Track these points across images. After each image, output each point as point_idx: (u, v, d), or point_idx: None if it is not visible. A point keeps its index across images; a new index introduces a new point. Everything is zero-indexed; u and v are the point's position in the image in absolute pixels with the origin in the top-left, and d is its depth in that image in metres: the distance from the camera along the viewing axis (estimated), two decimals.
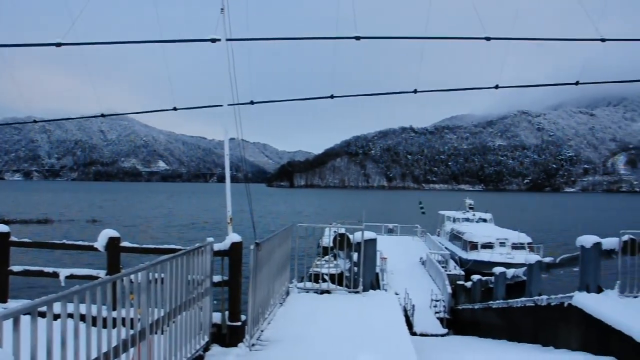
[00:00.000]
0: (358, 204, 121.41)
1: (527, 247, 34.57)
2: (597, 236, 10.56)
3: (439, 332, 20.38)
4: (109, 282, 3.75)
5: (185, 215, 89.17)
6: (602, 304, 9.42)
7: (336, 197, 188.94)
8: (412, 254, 34.96)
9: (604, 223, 76.31)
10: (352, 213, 66.16)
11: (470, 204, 48.36)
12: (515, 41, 22.95)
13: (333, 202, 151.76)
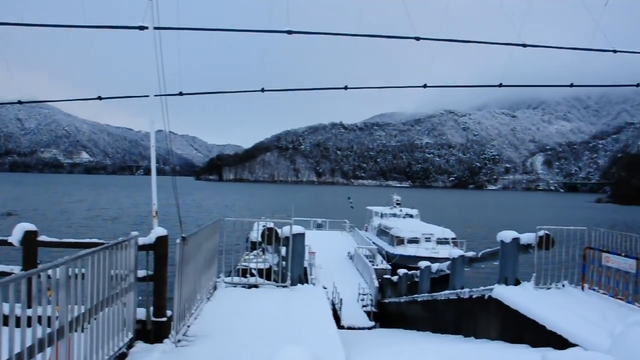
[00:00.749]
0: (287, 198, 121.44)
1: (451, 242, 35.67)
2: (516, 232, 11.05)
3: (366, 325, 20.71)
4: (23, 278, 3.54)
5: (110, 209, 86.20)
6: (518, 295, 9.87)
7: (266, 192, 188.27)
8: (340, 249, 35.31)
9: (522, 219, 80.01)
10: (281, 207, 66.10)
11: (397, 199, 49.40)
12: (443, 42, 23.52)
13: (263, 196, 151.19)
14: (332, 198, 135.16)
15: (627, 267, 9.46)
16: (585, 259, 10.64)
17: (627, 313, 8.37)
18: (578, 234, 10.85)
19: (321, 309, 8.47)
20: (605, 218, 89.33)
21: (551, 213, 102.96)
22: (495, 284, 10.90)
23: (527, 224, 11.27)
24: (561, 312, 8.83)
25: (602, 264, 10.14)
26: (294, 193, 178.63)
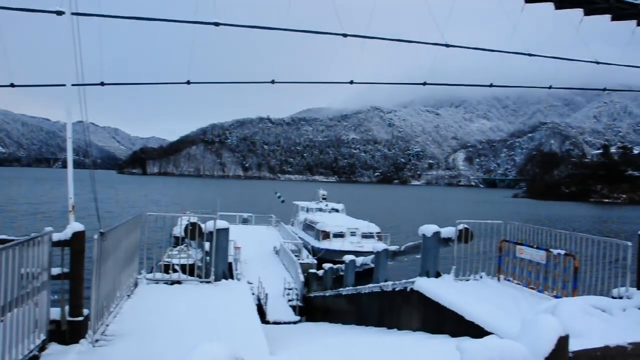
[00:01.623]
0: (213, 193, 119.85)
1: (375, 236, 36.34)
2: (437, 226, 11.40)
3: (292, 319, 20.76)
4: None
5: (24, 203, 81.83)
6: (439, 287, 10.18)
7: (191, 186, 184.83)
8: (266, 244, 35.21)
9: (444, 214, 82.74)
10: (207, 202, 65.10)
11: (323, 194, 49.81)
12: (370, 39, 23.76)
13: (188, 190, 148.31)
14: (258, 193, 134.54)
15: (539, 258, 9.97)
16: (501, 251, 11.12)
17: (538, 301, 8.82)
18: (495, 227, 11.33)
19: (245, 305, 8.42)
20: (521, 212, 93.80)
21: (472, 207, 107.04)
22: (417, 276, 11.21)
23: (449, 218, 11.66)
24: (479, 302, 9.17)
25: (516, 255, 10.63)
26: (220, 187, 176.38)
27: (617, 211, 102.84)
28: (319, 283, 23.21)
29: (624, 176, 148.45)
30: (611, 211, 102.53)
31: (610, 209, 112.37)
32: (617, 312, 8.14)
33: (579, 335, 6.03)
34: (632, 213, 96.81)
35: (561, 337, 2.77)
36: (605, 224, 73.70)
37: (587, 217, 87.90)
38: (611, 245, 9.28)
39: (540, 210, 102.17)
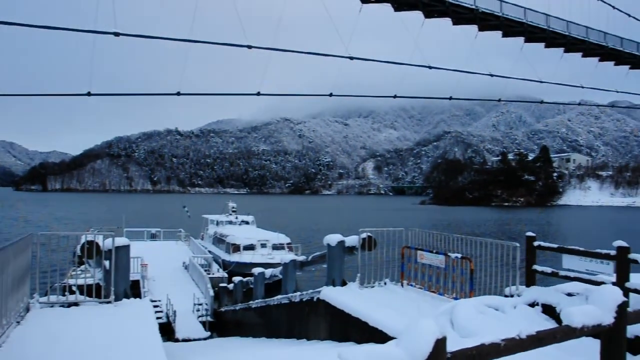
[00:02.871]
0: (120, 208, 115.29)
1: (286, 247, 36.33)
2: (341, 235, 11.58)
3: (202, 335, 20.30)
4: None
5: None
6: (344, 296, 10.33)
7: (97, 202, 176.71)
8: (175, 259, 34.32)
9: (355, 222, 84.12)
10: (113, 218, 62.51)
11: (233, 207, 49.26)
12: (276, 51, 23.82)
13: (93, 206, 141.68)
14: (167, 207, 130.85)
15: (438, 262, 10.38)
16: (403, 257, 11.47)
17: (439, 304, 9.15)
18: (397, 234, 11.66)
19: (146, 324, 8.13)
20: (429, 218, 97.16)
21: (382, 215, 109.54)
22: (324, 286, 11.31)
23: (360, 226, 11.86)
24: (382, 308, 9.39)
25: (418, 261, 11.01)
26: (128, 203, 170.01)
27: (515, 214, 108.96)
28: (230, 297, 22.87)
29: (520, 181, 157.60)
30: (510, 214, 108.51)
31: (509, 212, 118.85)
32: (509, 309, 8.61)
33: (474, 334, 6.32)
34: (528, 215, 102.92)
35: (438, 339, 2.88)
36: (507, 226, 77.87)
37: (490, 220, 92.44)
38: (502, 246, 9.82)
39: (446, 215, 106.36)
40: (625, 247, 7.84)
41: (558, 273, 8.96)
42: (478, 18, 35.35)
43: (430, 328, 2.91)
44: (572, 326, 3.76)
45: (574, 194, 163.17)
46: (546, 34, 38.87)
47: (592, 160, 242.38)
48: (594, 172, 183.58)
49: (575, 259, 8.72)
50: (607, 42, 42.97)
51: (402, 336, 2.95)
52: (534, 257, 9.44)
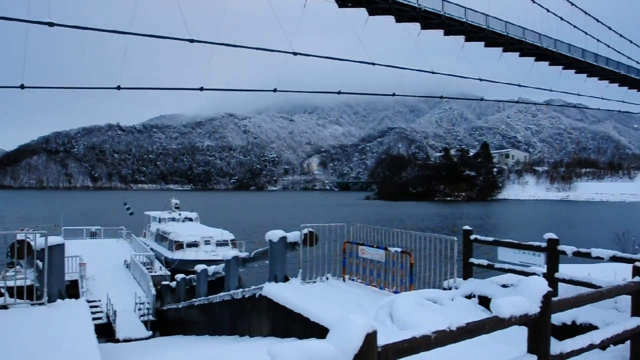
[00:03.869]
0: (58, 206, 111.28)
1: (230, 243, 35.99)
2: (283, 231, 11.55)
3: (144, 335, 19.87)
4: None
5: None
6: (286, 291, 10.32)
7: (34, 200, 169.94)
8: (116, 257, 33.46)
9: (300, 218, 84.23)
10: (51, 216, 60.33)
11: (176, 203, 48.44)
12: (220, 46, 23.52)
13: (30, 204, 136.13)
14: (109, 204, 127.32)
15: (378, 257, 10.51)
16: (345, 252, 11.55)
17: (380, 298, 9.26)
18: (338, 229, 11.74)
19: (81, 325, 7.88)
20: (374, 213, 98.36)
21: (327, 211, 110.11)
22: (266, 282, 11.27)
23: (305, 221, 11.86)
24: (324, 303, 9.43)
25: (359, 255, 11.12)
26: (67, 200, 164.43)
27: (457, 208, 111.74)
28: (173, 295, 22.50)
29: (462, 176, 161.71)
30: (452, 208, 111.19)
31: (452, 206, 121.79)
32: (447, 301, 8.81)
33: (413, 327, 6.42)
34: (469, 209, 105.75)
35: (369, 333, 2.90)
36: (450, 220, 79.69)
37: (433, 214, 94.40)
38: (440, 240, 10.04)
39: (390, 210, 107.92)
40: (554, 239, 8.15)
41: (493, 265, 9.24)
42: (421, 16, 35.98)
43: (361, 322, 2.93)
44: (500, 317, 3.87)
45: (512, 189, 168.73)
46: (486, 34, 39.98)
47: (530, 156, 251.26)
48: (531, 168, 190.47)
49: (510, 252, 9.01)
50: (542, 43, 44.62)
51: (332, 331, 2.97)
52: (471, 250, 9.69)
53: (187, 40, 21.06)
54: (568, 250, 8.04)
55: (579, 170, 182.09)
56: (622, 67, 55.12)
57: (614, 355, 5.82)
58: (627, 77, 56.28)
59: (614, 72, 54.11)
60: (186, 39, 20.89)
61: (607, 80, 55.69)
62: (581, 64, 50.39)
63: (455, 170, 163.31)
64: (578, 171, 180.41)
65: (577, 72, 52.24)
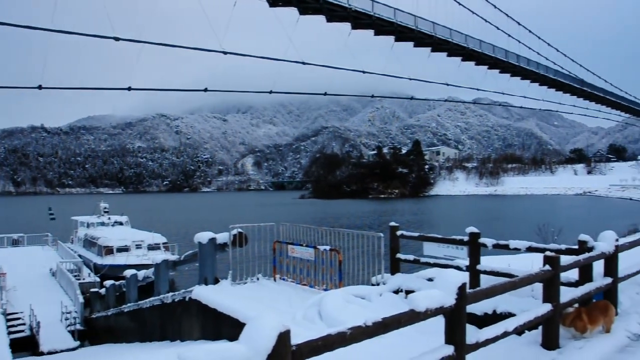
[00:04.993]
0: None
1: (162, 247, 35.19)
2: (212, 232, 11.41)
3: (71, 345, 19.13)
4: None
5: None
6: (216, 294, 10.21)
7: None
8: (41, 266, 32.03)
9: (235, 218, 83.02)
10: None
11: (105, 207, 46.89)
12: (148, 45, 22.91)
13: None
14: (33, 210, 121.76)
15: (308, 255, 10.56)
16: (275, 251, 11.54)
17: (309, 296, 9.31)
18: (268, 229, 11.72)
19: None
20: (308, 211, 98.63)
21: (262, 211, 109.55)
22: (196, 284, 11.11)
23: (240, 222, 11.75)
24: (254, 304, 9.40)
25: (289, 255, 11.13)
26: None
27: (390, 205, 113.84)
28: (102, 302, 21.76)
29: (395, 173, 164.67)
30: (385, 205, 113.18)
31: (385, 203, 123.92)
32: (375, 297, 8.96)
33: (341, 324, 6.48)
34: (402, 206, 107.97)
35: (282, 332, 2.90)
36: (384, 217, 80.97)
37: (368, 212, 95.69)
38: (368, 237, 10.20)
39: (324, 209, 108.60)
40: (475, 232, 8.44)
41: (419, 260, 9.47)
42: (351, 16, 36.44)
43: (273, 322, 2.93)
44: (416, 310, 3.97)
45: (444, 185, 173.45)
46: (415, 34, 40.95)
47: (459, 153, 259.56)
48: (461, 164, 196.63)
49: (434, 246, 9.27)
50: (468, 44, 46.18)
51: (244, 332, 2.95)
52: (398, 245, 9.89)
53: (111, 38, 20.45)
54: (488, 243, 8.35)
55: (505, 165, 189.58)
56: (542, 68, 57.89)
57: (528, 341, 6.09)
58: (546, 77, 59.13)
59: (534, 72, 56.76)
60: (111, 37, 20.28)
61: (528, 80, 58.33)
62: (504, 64, 52.56)
63: (389, 168, 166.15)
64: (504, 167, 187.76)
65: (501, 72, 54.45)
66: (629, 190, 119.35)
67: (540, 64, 57.44)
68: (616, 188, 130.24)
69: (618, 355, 5.76)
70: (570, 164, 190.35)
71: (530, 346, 5.93)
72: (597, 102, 75.78)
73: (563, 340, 6.02)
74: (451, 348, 4.36)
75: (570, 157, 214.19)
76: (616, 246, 7.21)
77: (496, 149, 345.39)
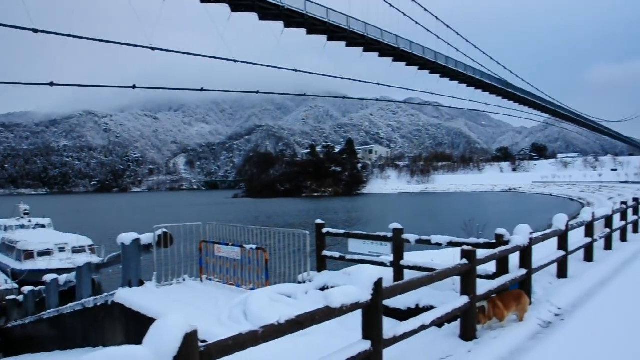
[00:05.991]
0: None
1: (88, 249, 33.90)
2: (136, 233, 11.09)
3: None
4: None
5: None
6: (140, 296, 9.93)
7: None
8: None
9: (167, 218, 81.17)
10: None
11: (25, 209, 44.69)
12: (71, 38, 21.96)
13: None
14: None
15: (234, 254, 10.44)
16: (201, 251, 11.35)
17: (236, 296, 9.19)
18: (194, 228, 11.50)
19: None
20: (241, 211, 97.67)
21: (194, 210, 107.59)
22: (119, 287, 10.77)
23: (170, 222, 11.46)
24: (179, 305, 9.20)
25: (215, 254, 10.97)
26: None
27: (323, 203, 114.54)
28: (20, 310, 20.69)
29: (328, 172, 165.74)
30: (319, 204, 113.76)
31: (319, 201, 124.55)
32: (301, 295, 8.96)
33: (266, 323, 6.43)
34: (335, 204, 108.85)
35: (187, 333, 2.82)
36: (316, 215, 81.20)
37: (302, 210, 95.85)
38: (294, 235, 10.19)
39: (257, 207, 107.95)
40: (399, 228, 8.59)
41: (345, 257, 9.55)
42: (284, 15, 36.37)
43: (179, 322, 2.84)
44: (331, 307, 3.97)
45: (376, 183, 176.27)
46: (347, 34, 41.37)
47: (392, 151, 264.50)
48: (393, 163, 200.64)
49: (360, 243, 9.37)
50: (399, 45, 47.11)
51: (149, 334, 2.85)
52: (324, 243, 9.94)
53: (30, 30, 19.41)
54: (411, 239, 8.51)
55: (436, 164, 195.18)
56: (469, 69, 59.92)
57: (447, 333, 6.25)
58: (473, 78, 61.23)
59: (462, 73, 58.67)
60: (28, 29, 19.24)
61: (457, 81, 60.21)
62: (434, 65, 54.02)
63: (322, 166, 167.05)
64: (435, 165, 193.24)
65: (431, 73, 55.93)
66: (549, 187, 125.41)
67: (468, 65, 59.44)
68: (538, 185, 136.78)
69: (529, 342, 6.00)
70: (496, 162, 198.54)
71: (448, 338, 6.09)
72: (520, 103, 79.29)
73: (480, 331, 6.21)
74: (368, 343, 4.40)
75: (496, 156, 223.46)
76: (530, 239, 7.51)
77: (427, 148, 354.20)
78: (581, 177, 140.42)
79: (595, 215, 11.57)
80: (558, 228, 9.20)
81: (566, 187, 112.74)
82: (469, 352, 5.64)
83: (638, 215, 17.00)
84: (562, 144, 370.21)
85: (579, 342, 6.06)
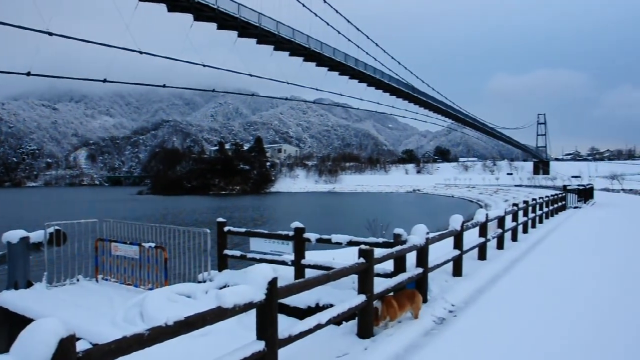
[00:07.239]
0: None
1: None
2: (24, 230, 10.42)
3: None
4: None
5: None
6: (28, 299, 9.34)
7: None
8: None
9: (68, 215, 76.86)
10: None
11: None
12: None
13: None
14: None
15: (132, 253, 10.07)
16: (97, 250, 10.84)
17: (133, 296, 8.85)
18: (90, 226, 10.97)
19: None
20: (145, 208, 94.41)
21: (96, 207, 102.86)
22: (4, 289, 10.06)
23: (71, 218, 10.80)
24: (71, 308, 8.75)
25: (112, 253, 10.52)
26: None
27: (231, 201, 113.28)
28: None
29: (237, 170, 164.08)
30: (226, 202, 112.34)
31: (226, 199, 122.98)
32: (200, 295, 8.78)
33: None
34: (243, 202, 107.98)
35: (63, 338, 2.66)
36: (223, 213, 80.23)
37: (208, 208, 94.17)
38: (195, 233, 9.98)
39: (163, 205, 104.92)
40: (300, 227, 8.63)
41: (246, 256, 9.47)
42: (194, 7, 35.54)
43: (53, 327, 2.67)
44: (223, 307, 3.90)
45: (284, 182, 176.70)
46: (258, 31, 41.10)
47: (300, 150, 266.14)
48: (301, 162, 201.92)
49: (261, 241, 9.33)
50: (309, 45, 47.44)
51: (17, 341, 2.65)
52: (225, 242, 9.81)
53: None
54: (312, 238, 8.57)
55: (343, 164, 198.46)
56: (378, 72, 61.42)
57: (344, 331, 6.34)
58: (381, 81, 62.85)
59: (371, 76, 60.07)
60: None
61: (366, 83, 61.58)
62: (344, 67, 54.93)
63: (230, 164, 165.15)
64: (343, 165, 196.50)
65: (340, 74, 56.81)
66: (451, 189, 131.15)
67: (377, 69, 60.96)
68: (441, 186, 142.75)
69: (423, 339, 6.21)
70: (402, 164, 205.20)
71: (346, 336, 6.18)
72: (425, 107, 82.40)
73: (377, 328, 6.36)
74: (262, 343, 4.36)
75: (402, 158, 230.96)
76: (427, 239, 7.78)
77: (335, 148, 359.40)
78: (480, 180, 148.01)
79: (488, 216, 12.21)
80: (454, 228, 9.61)
81: (466, 190, 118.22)
82: (365, 349, 5.75)
83: (527, 217, 18.16)
84: (463, 148, 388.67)
85: (469, 335, 6.36)
